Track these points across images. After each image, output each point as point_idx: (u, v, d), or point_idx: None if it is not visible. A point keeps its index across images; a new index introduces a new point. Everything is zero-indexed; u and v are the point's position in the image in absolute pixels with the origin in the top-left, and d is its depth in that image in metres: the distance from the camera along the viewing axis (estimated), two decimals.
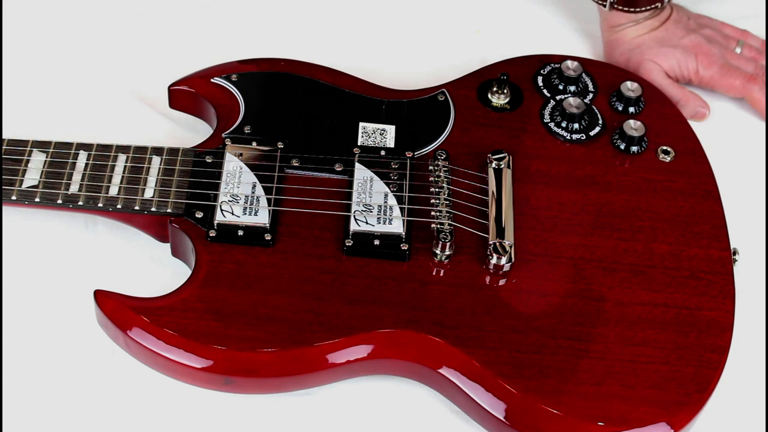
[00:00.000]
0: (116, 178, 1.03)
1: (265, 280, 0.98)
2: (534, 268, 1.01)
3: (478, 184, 1.06)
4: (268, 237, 1.00)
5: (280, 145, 1.06)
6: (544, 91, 1.14)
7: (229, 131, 1.07)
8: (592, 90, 1.14)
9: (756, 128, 1.21)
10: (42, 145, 1.04)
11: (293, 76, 1.12)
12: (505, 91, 1.13)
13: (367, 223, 1.01)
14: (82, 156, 1.04)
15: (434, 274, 1.00)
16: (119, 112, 1.17)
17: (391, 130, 1.09)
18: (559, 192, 1.06)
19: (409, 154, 1.07)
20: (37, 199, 1.01)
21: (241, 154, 1.05)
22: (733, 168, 1.15)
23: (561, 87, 1.14)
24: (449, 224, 1.02)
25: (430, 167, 1.06)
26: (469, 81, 1.14)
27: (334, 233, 1.01)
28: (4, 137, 1.05)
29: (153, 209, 1.01)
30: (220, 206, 1.01)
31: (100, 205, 1.01)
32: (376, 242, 1.00)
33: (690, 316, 0.98)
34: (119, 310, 0.96)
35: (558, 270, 1.01)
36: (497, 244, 1.00)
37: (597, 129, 1.11)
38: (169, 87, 1.11)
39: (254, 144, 1.06)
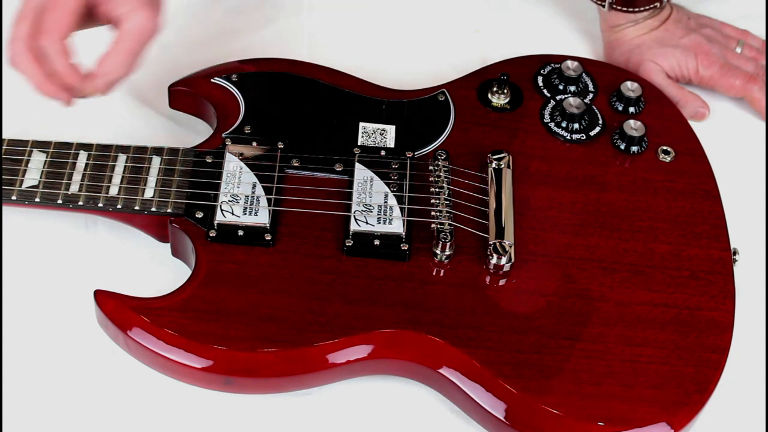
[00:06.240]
0: (116, 178, 1.03)
1: (265, 280, 0.98)
2: (534, 268, 1.01)
3: (478, 184, 1.06)
4: (268, 237, 1.00)
5: (280, 145, 1.06)
6: (544, 91, 1.14)
7: (229, 131, 1.07)
8: (592, 90, 1.15)
9: (756, 128, 1.21)
10: (42, 145, 1.04)
11: (293, 76, 1.12)
12: (505, 91, 1.13)
13: (367, 223, 1.01)
14: (82, 156, 1.04)
15: (434, 274, 1.00)
16: (119, 112, 1.17)
17: (391, 130, 1.09)
18: (559, 192, 1.06)
19: (409, 154, 1.07)
20: (37, 199, 1.01)
21: (241, 154, 1.05)
22: (733, 168, 1.15)
23: (561, 87, 1.14)
24: (449, 224, 1.02)
25: (430, 167, 1.06)
26: (469, 81, 1.14)
27: (334, 233, 1.01)
28: (4, 137, 1.05)
29: (153, 209, 1.02)
30: (220, 206, 1.01)
31: (100, 205, 1.01)
32: (376, 242, 1.00)
33: (690, 316, 0.98)
34: (119, 310, 0.96)
35: (558, 270, 1.01)
36: (497, 244, 1.00)
37: (597, 129, 1.11)
38: (169, 87, 1.12)
39: (254, 144, 1.06)
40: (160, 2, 0.98)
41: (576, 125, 1.11)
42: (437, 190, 1.04)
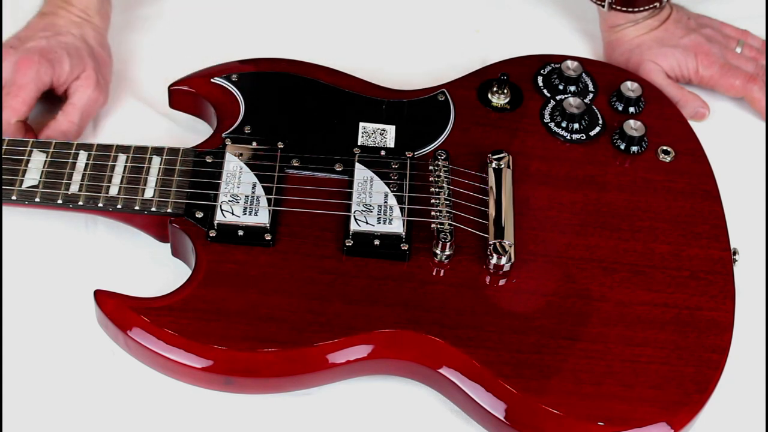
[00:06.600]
0: (116, 178, 1.03)
1: (265, 280, 0.98)
2: (534, 268, 1.01)
3: (478, 184, 1.06)
4: (268, 237, 1.00)
5: (281, 145, 1.06)
6: (544, 91, 1.14)
7: (229, 131, 1.07)
8: (592, 90, 1.15)
9: (756, 128, 1.21)
10: (42, 145, 1.04)
11: (293, 76, 1.12)
12: (505, 91, 1.13)
13: (367, 223, 1.01)
14: (82, 156, 1.04)
15: (434, 274, 1.00)
16: (119, 112, 1.17)
17: (391, 130, 1.09)
18: (559, 192, 1.06)
19: (409, 154, 1.07)
20: (37, 199, 1.01)
21: (241, 154, 1.05)
22: (733, 168, 1.15)
23: (561, 87, 1.14)
24: (449, 224, 1.02)
25: (430, 167, 1.06)
26: (469, 81, 1.14)
27: (334, 233, 1.01)
28: (4, 137, 1.05)
29: (153, 209, 1.01)
30: (220, 206, 1.01)
31: (100, 205, 1.01)
32: (376, 242, 1.00)
33: (690, 316, 0.98)
34: (119, 310, 0.96)
35: (558, 270, 1.01)
36: (497, 244, 1.00)
37: (597, 129, 1.11)
38: (169, 87, 1.12)
39: (254, 144, 1.06)
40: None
41: (576, 125, 1.11)
42: (437, 190, 1.04)
